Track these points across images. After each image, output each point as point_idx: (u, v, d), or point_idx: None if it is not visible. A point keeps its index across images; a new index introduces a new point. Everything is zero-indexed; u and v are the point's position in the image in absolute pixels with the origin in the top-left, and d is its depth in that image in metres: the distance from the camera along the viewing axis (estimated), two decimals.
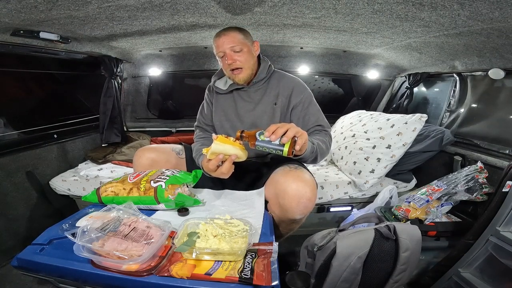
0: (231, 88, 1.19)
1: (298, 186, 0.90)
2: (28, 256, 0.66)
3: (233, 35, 1.08)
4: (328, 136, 1.11)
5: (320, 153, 1.00)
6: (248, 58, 1.10)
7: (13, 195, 1.45)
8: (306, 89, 1.17)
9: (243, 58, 1.08)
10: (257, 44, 1.16)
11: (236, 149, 0.86)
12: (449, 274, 1.07)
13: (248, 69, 1.11)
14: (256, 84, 1.17)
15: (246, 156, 0.90)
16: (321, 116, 1.15)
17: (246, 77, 1.12)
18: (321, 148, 1.01)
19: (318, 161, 1.02)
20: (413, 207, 1.28)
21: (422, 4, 0.97)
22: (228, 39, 1.07)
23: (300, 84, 1.17)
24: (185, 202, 0.89)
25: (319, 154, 0.99)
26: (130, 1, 1.05)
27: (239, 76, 1.11)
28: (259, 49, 1.18)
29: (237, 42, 1.07)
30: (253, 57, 1.13)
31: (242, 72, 1.10)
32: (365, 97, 2.58)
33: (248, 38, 1.12)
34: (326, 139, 1.07)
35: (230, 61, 1.08)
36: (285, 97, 1.14)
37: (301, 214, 0.91)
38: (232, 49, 1.07)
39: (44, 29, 1.27)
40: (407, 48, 1.63)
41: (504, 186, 0.97)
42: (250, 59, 1.11)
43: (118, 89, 2.05)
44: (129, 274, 0.59)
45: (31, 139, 1.65)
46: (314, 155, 0.97)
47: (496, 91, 1.60)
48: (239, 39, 1.08)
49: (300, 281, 0.73)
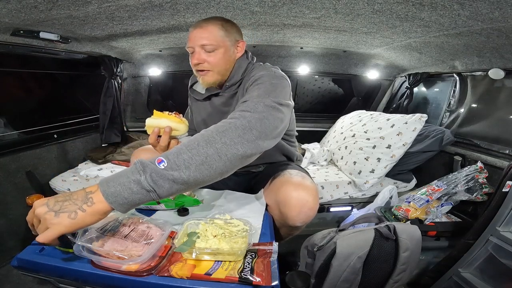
0: (207, 93, 1.07)
1: (299, 194, 0.84)
2: (28, 256, 0.66)
3: (211, 30, 0.91)
4: (229, 124, 0.66)
5: (179, 162, 0.59)
6: (219, 62, 0.94)
7: (13, 195, 1.45)
8: (269, 71, 0.91)
9: (213, 60, 0.93)
10: (242, 44, 1.00)
11: (171, 121, 0.84)
12: (449, 274, 1.07)
13: (217, 74, 0.96)
14: (229, 88, 1.01)
15: (186, 129, 0.85)
16: (261, 95, 0.77)
17: (212, 82, 0.98)
18: (178, 156, 0.60)
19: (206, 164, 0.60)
20: (413, 207, 1.28)
21: (422, 4, 0.97)
22: (203, 34, 0.91)
23: (263, 68, 0.95)
24: (185, 202, 0.89)
25: (174, 164, 0.59)
26: (130, 1, 1.05)
27: (204, 78, 0.96)
28: (243, 50, 1.01)
29: (212, 40, 0.91)
30: (228, 61, 0.96)
31: (208, 75, 0.96)
32: (365, 97, 2.58)
33: (231, 36, 0.95)
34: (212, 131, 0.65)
35: (196, 61, 0.93)
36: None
37: (302, 222, 0.87)
38: (203, 47, 0.92)
39: (44, 29, 1.27)
40: (407, 48, 1.63)
41: (504, 186, 0.97)
42: (222, 63, 0.95)
43: (118, 89, 2.04)
44: (129, 274, 0.59)
45: (31, 139, 1.65)
46: (146, 177, 0.57)
47: (496, 91, 1.60)
48: (217, 36, 0.92)
49: (300, 281, 0.73)
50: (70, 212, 0.55)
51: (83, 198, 0.57)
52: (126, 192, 0.57)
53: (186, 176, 0.59)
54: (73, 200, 0.56)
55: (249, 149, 0.65)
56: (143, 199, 0.58)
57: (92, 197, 0.56)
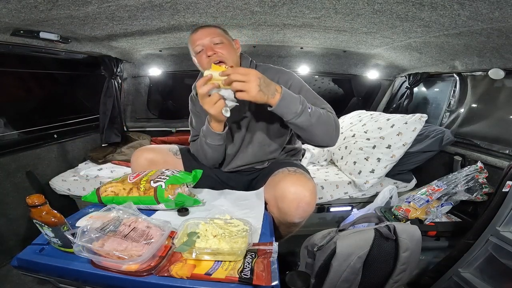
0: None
1: (297, 189, 0.87)
2: (28, 256, 0.66)
3: (212, 29, 1.00)
4: (331, 114, 0.96)
5: (314, 114, 0.87)
6: (231, 52, 1.00)
7: (13, 195, 1.45)
8: (293, 75, 1.06)
9: (225, 50, 0.98)
10: (238, 42, 1.08)
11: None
12: (449, 274, 1.07)
13: (232, 64, 0.99)
14: None
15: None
16: (318, 100, 1.01)
17: None
18: (316, 111, 0.89)
19: (313, 123, 0.87)
20: (413, 207, 1.28)
21: (422, 4, 0.97)
22: (207, 32, 0.99)
23: (285, 72, 1.07)
24: (185, 202, 0.89)
25: (312, 112, 0.87)
26: (130, 1, 1.05)
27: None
28: (240, 47, 1.08)
29: (217, 34, 0.99)
30: (235, 54, 1.03)
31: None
32: (365, 97, 2.59)
33: (228, 34, 1.05)
34: (326, 112, 0.94)
35: (211, 52, 0.96)
36: None
37: (300, 218, 0.89)
38: (212, 41, 0.98)
39: (44, 29, 1.27)
40: (407, 48, 1.63)
41: (504, 186, 0.97)
42: (233, 54, 1.01)
43: (118, 89, 2.05)
44: (129, 274, 0.59)
45: (31, 139, 1.65)
46: (302, 107, 0.84)
47: (496, 91, 1.60)
48: (219, 32, 1.01)
49: (300, 281, 0.73)
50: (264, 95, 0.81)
51: (273, 91, 0.83)
52: (289, 105, 0.84)
53: (313, 121, 0.88)
54: (270, 89, 0.82)
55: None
56: (288, 113, 0.85)
57: (276, 95, 0.83)
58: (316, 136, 0.93)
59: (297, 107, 0.84)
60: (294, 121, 0.86)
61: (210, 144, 1.03)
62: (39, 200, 0.65)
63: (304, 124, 0.87)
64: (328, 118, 0.93)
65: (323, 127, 0.91)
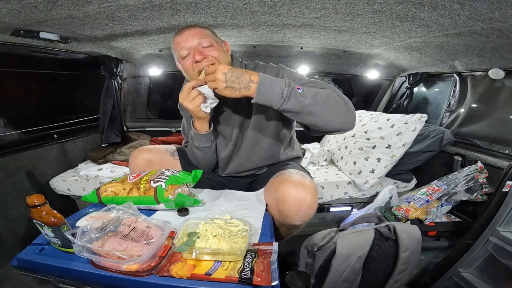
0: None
1: (298, 193, 0.85)
2: (28, 256, 0.66)
3: (200, 30, 0.92)
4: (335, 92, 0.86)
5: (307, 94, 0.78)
6: (221, 55, 0.92)
7: (13, 195, 1.45)
8: (283, 67, 1.00)
9: (215, 53, 0.90)
10: (227, 44, 1.01)
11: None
12: (449, 274, 1.07)
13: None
14: None
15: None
16: (317, 84, 0.93)
17: None
18: (310, 90, 0.80)
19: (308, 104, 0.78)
20: (413, 207, 1.28)
21: (422, 4, 0.97)
22: (194, 33, 0.90)
23: (274, 66, 1.01)
24: (185, 202, 0.89)
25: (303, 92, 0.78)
26: (130, 1, 1.05)
27: None
28: (230, 49, 1.02)
29: (205, 35, 0.91)
30: (226, 56, 0.96)
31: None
32: (365, 97, 2.59)
33: (216, 36, 0.98)
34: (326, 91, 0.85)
35: (200, 56, 0.88)
36: None
37: (301, 221, 0.87)
38: (200, 44, 0.89)
39: (44, 29, 1.27)
40: (407, 48, 1.63)
41: (504, 186, 0.96)
42: (223, 56, 0.93)
43: (118, 89, 2.05)
44: (129, 274, 0.59)
45: (31, 139, 1.65)
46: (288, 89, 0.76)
47: (496, 91, 1.60)
48: (207, 33, 0.93)
49: (300, 281, 0.73)
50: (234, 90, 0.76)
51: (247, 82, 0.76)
52: (271, 90, 0.76)
53: (308, 102, 0.78)
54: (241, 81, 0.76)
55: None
56: (274, 100, 0.76)
57: (251, 86, 0.76)
58: (322, 119, 0.81)
59: (282, 89, 0.76)
60: (284, 107, 0.77)
61: (198, 147, 1.02)
62: (39, 200, 0.65)
63: (297, 107, 0.78)
64: (329, 96, 0.82)
65: (324, 106, 0.80)
